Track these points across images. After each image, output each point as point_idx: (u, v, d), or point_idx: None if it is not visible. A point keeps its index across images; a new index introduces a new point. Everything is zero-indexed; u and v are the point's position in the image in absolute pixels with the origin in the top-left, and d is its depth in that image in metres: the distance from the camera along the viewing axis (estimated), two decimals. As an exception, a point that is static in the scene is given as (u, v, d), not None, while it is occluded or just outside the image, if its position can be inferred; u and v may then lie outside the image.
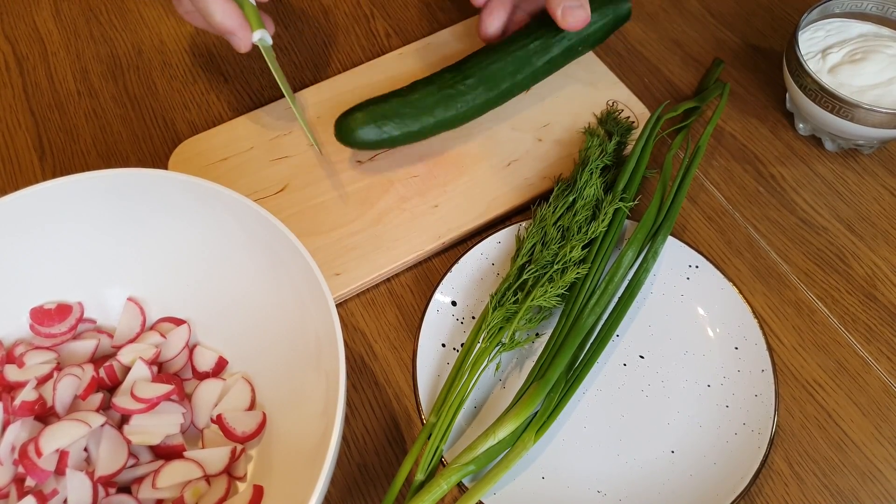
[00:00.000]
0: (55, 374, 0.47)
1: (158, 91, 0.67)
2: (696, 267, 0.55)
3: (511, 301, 0.51)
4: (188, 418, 0.48)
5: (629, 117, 0.63)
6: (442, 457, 0.48)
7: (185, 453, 0.47)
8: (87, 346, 0.49)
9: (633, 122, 0.62)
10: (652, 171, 0.60)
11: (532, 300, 0.50)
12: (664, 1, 0.73)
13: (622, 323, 0.53)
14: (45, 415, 0.46)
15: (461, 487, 0.47)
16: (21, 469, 0.44)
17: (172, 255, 0.50)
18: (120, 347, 0.49)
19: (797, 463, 0.50)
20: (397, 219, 0.58)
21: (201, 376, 0.50)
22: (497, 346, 0.50)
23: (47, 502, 0.44)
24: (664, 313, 0.55)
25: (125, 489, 0.46)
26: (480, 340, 0.50)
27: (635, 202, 0.56)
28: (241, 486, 0.47)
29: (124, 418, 0.47)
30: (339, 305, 0.56)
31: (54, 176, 0.55)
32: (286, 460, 0.45)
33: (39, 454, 0.43)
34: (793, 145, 0.64)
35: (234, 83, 0.68)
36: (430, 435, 0.48)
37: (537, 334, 0.54)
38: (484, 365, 0.49)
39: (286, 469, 0.45)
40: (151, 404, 0.46)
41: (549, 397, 0.48)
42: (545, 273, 0.51)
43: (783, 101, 0.66)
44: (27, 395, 0.45)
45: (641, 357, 0.53)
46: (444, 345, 0.53)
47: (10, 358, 0.48)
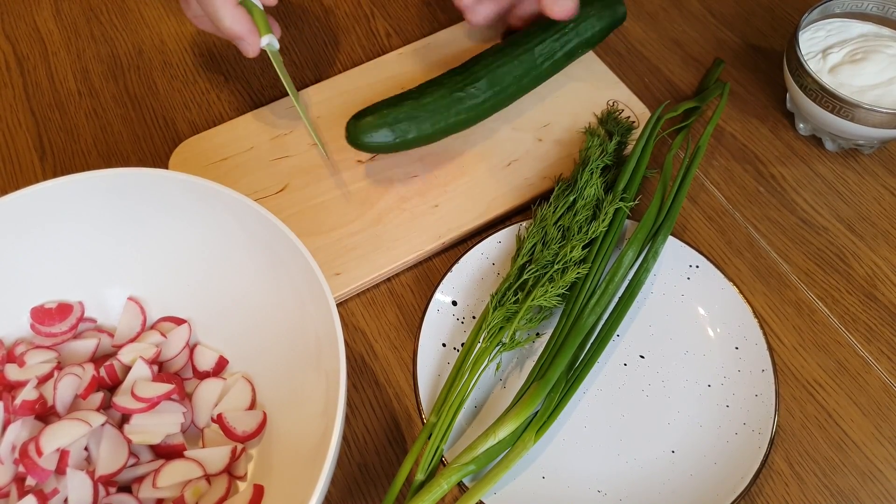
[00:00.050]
0: (56, 374, 0.47)
1: (159, 91, 0.67)
2: (697, 267, 0.55)
3: (511, 301, 0.51)
4: (188, 418, 0.48)
5: (629, 117, 0.63)
6: (442, 457, 0.48)
7: (186, 453, 0.47)
8: (87, 345, 0.49)
9: (634, 122, 0.62)
10: (652, 171, 0.60)
11: (532, 300, 0.50)
12: (664, 1, 0.73)
13: (622, 323, 0.53)
14: (45, 414, 0.46)
15: (461, 487, 0.47)
16: (21, 468, 0.44)
17: (173, 254, 0.50)
18: (120, 347, 0.49)
19: (797, 463, 0.50)
20: (397, 219, 0.58)
21: (202, 376, 0.50)
22: (497, 345, 0.50)
23: (48, 501, 0.44)
24: (664, 313, 0.55)
25: (125, 488, 0.46)
26: (481, 340, 0.50)
27: (636, 202, 0.56)
28: (242, 485, 0.47)
29: (125, 418, 0.47)
30: (339, 305, 0.56)
31: (55, 176, 0.55)
32: (286, 460, 0.45)
33: (40, 453, 0.43)
34: (793, 145, 0.64)
35: (235, 83, 0.68)
36: (431, 435, 0.48)
37: (538, 334, 0.54)
38: (484, 365, 0.49)
39: (286, 468, 0.45)
40: (152, 404, 0.46)
41: (549, 397, 0.48)
42: (545, 273, 0.52)
43: (783, 101, 0.66)
44: (28, 394, 0.45)
45: (642, 357, 0.53)
46: (444, 344, 0.53)
47: (11, 357, 0.48)
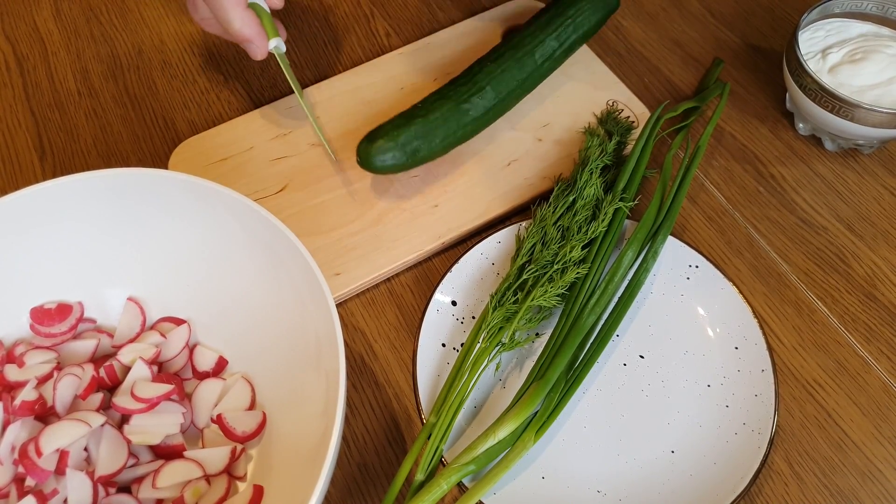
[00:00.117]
0: (55, 374, 0.47)
1: (159, 91, 0.67)
2: (696, 267, 0.55)
3: (511, 301, 0.51)
4: (188, 418, 0.48)
5: (629, 117, 0.63)
6: (442, 457, 0.48)
7: (186, 453, 0.46)
8: (87, 345, 0.49)
9: (633, 122, 0.62)
10: (652, 171, 0.60)
11: (532, 300, 0.50)
12: (664, 1, 0.73)
13: (622, 323, 0.53)
14: (45, 414, 0.46)
15: (461, 487, 0.47)
16: (21, 469, 0.44)
17: (172, 255, 0.50)
18: (120, 347, 0.49)
19: (797, 463, 0.50)
20: (397, 219, 0.58)
21: (201, 376, 0.50)
22: (497, 345, 0.50)
23: (47, 502, 0.44)
24: (664, 313, 0.55)
25: (125, 489, 0.46)
26: (480, 340, 0.50)
27: (635, 202, 0.56)
28: (241, 485, 0.47)
29: (124, 418, 0.47)
30: (339, 305, 0.56)
31: (54, 176, 0.55)
32: (286, 460, 0.45)
33: (39, 454, 0.43)
34: (793, 145, 0.64)
35: (235, 83, 0.68)
36: (430, 435, 0.48)
37: (537, 334, 0.54)
38: (484, 365, 0.49)
39: (286, 469, 0.45)
40: (151, 404, 0.46)
41: (549, 397, 0.48)
42: (545, 273, 0.51)
43: (783, 101, 0.66)
44: (27, 394, 0.45)
45: (641, 357, 0.53)
46: (444, 345, 0.53)
47: (11, 358, 0.48)
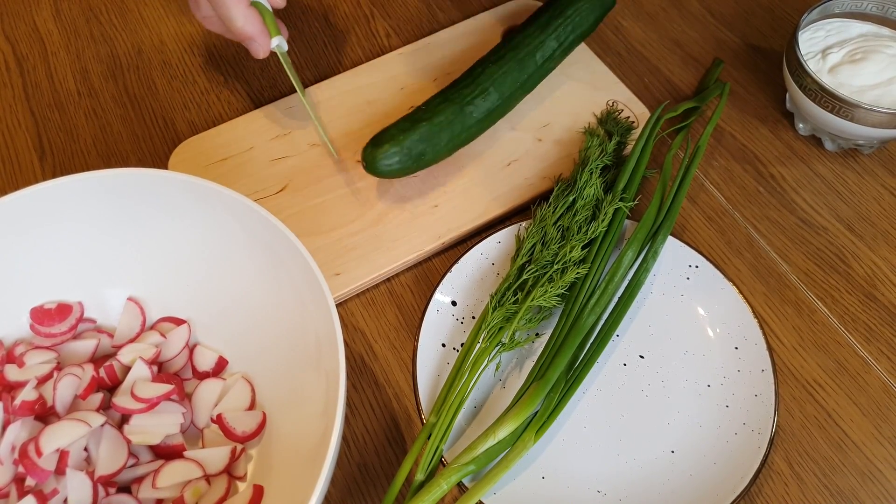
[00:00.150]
0: (55, 374, 0.47)
1: (158, 91, 0.67)
2: (696, 267, 0.55)
3: (511, 301, 0.51)
4: (188, 418, 0.48)
5: (629, 117, 0.63)
6: (442, 457, 0.48)
7: (185, 453, 0.47)
8: (87, 345, 0.49)
9: (633, 122, 0.62)
10: (652, 171, 0.60)
11: (532, 300, 0.50)
12: (664, 1, 0.73)
13: (622, 323, 0.53)
14: (45, 414, 0.46)
15: (461, 487, 0.47)
16: (21, 469, 0.44)
17: (172, 255, 0.50)
18: (120, 347, 0.49)
19: (797, 463, 0.50)
20: (397, 219, 0.58)
21: (201, 376, 0.50)
22: (497, 345, 0.50)
23: (47, 502, 0.44)
24: (664, 313, 0.55)
25: (125, 489, 0.46)
26: (480, 340, 0.50)
27: (635, 202, 0.56)
28: (241, 485, 0.47)
29: (124, 418, 0.47)
30: (339, 305, 0.56)
31: (54, 176, 0.55)
32: (286, 460, 0.45)
33: (39, 454, 0.43)
34: (793, 145, 0.64)
35: (235, 83, 0.68)
36: (430, 435, 0.48)
37: (537, 334, 0.54)
38: (484, 365, 0.49)
39: (286, 469, 0.45)
40: (151, 404, 0.46)
41: (549, 397, 0.48)
42: (545, 273, 0.52)
43: (783, 101, 0.66)
44: (27, 394, 0.45)
45: (641, 357, 0.53)
46: (444, 345, 0.53)
47: (11, 358, 0.48)
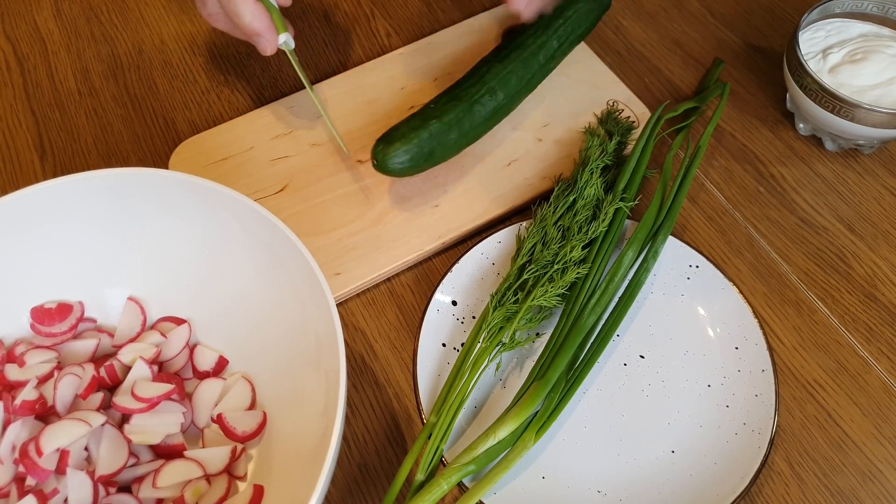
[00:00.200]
0: (56, 374, 0.47)
1: (159, 90, 0.67)
2: (697, 267, 0.55)
3: (511, 301, 0.51)
4: (188, 418, 0.48)
5: (629, 117, 0.63)
6: (442, 457, 0.48)
7: (186, 453, 0.47)
8: (87, 345, 0.49)
9: (634, 122, 0.62)
10: (652, 171, 0.60)
11: (532, 300, 0.50)
12: (664, 1, 0.73)
13: (622, 323, 0.53)
14: (45, 414, 0.46)
15: (461, 487, 0.47)
16: (21, 468, 0.44)
17: (173, 254, 0.50)
18: (120, 347, 0.49)
19: (797, 463, 0.50)
20: (397, 219, 0.58)
21: (202, 376, 0.50)
22: (497, 345, 0.50)
23: (48, 502, 0.44)
24: (664, 313, 0.55)
25: (125, 488, 0.46)
26: (481, 340, 0.50)
27: (635, 202, 0.56)
28: (242, 485, 0.47)
29: (125, 418, 0.47)
30: (339, 305, 0.56)
31: (55, 175, 0.55)
32: (286, 460, 0.45)
33: (40, 453, 0.43)
34: (793, 145, 0.64)
35: (235, 83, 0.68)
36: (431, 435, 0.48)
37: (537, 334, 0.54)
38: (484, 365, 0.49)
39: (286, 469, 0.45)
40: (152, 404, 0.46)
41: (549, 397, 0.48)
42: (545, 273, 0.52)
43: (783, 101, 0.66)
44: (28, 394, 0.45)
45: (642, 357, 0.53)
46: (444, 344, 0.53)
47: (11, 357, 0.48)
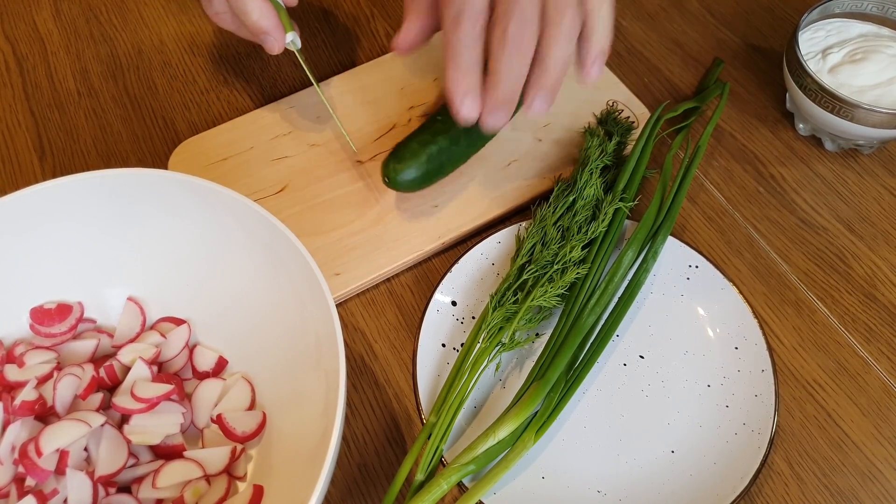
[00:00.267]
0: (55, 374, 0.47)
1: (158, 91, 0.67)
2: (696, 267, 0.55)
3: (511, 301, 0.51)
4: (188, 418, 0.48)
5: (629, 117, 0.63)
6: (442, 457, 0.48)
7: (185, 453, 0.47)
8: (87, 345, 0.49)
9: (633, 122, 0.62)
10: (652, 171, 0.60)
11: (532, 300, 0.50)
12: (664, 1, 0.73)
13: (622, 323, 0.53)
14: (45, 414, 0.46)
15: (461, 487, 0.47)
16: (21, 469, 0.44)
17: (172, 255, 0.50)
18: (120, 347, 0.49)
19: (797, 463, 0.50)
20: (397, 219, 0.58)
21: (201, 376, 0.50)
22: (497, 346, 0.50)
23: (47, 502, 0.44)
24: (664, 313, 0.55)
25: (125, 489, 0.46)
26: (480, 340, 0.50)
27: (635, 202, 0.56)
28: (241, 485, 0.47)
29: (124, 418, 0.47)
30: (339, 305, 0.56)
31: (54, 176, 0.55)
32: (286, 460, 0.45)
33: (39, 454, 0.43)
34: (793, 145, 0.64)
35: (235, 83, 0.68)
36: (430, 435, 0.48)
37: (537, 334, 0.54)
38: (484, 365, 0.49)
39: (286, 469, 0.45)
40: (151, 404, 0.46)
41: (549, 397, 0.48)
42: (545, 273, 0.51)
43: (783, 101, 0.66)
44: (27, 394, 0.45)
45: (641, 357, 0.53)
46: (444, 345, 0.53)
47: (10, 358, 0.48)
